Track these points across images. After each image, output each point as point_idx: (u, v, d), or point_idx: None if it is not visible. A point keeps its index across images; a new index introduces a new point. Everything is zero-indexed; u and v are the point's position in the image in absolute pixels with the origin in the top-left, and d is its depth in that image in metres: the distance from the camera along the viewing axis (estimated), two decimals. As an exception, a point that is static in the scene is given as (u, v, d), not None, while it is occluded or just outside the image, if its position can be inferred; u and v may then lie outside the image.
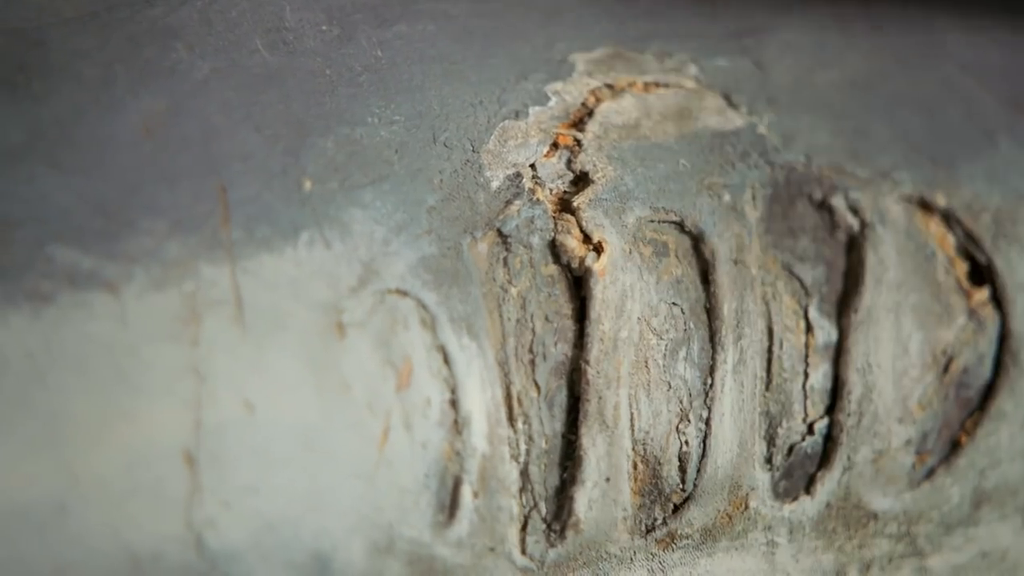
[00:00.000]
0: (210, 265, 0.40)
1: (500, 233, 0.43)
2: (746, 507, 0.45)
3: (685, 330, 0.45)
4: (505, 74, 0.46)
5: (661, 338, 0.44)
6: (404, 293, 0.42)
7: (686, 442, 0.45)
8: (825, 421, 0.46)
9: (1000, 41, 0.52)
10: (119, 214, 0.40)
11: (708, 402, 0.45)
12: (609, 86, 0.46)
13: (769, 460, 0.46)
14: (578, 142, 0.45)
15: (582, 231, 0.44)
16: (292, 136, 0.42)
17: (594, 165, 0.45)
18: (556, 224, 0.44)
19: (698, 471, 0.45)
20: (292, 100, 0.43)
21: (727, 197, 0.46)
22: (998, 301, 0.48)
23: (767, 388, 0.46)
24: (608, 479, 0.44)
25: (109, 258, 0.40)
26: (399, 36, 0.45)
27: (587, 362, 0.43)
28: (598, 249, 0.44)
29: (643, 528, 0.45)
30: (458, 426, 0.42)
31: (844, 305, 0.47)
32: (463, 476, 0.42)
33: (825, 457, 0.46)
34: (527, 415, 0.43)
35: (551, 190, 0.44)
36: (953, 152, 0.49)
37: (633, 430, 0.44)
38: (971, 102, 0.49)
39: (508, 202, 0.44)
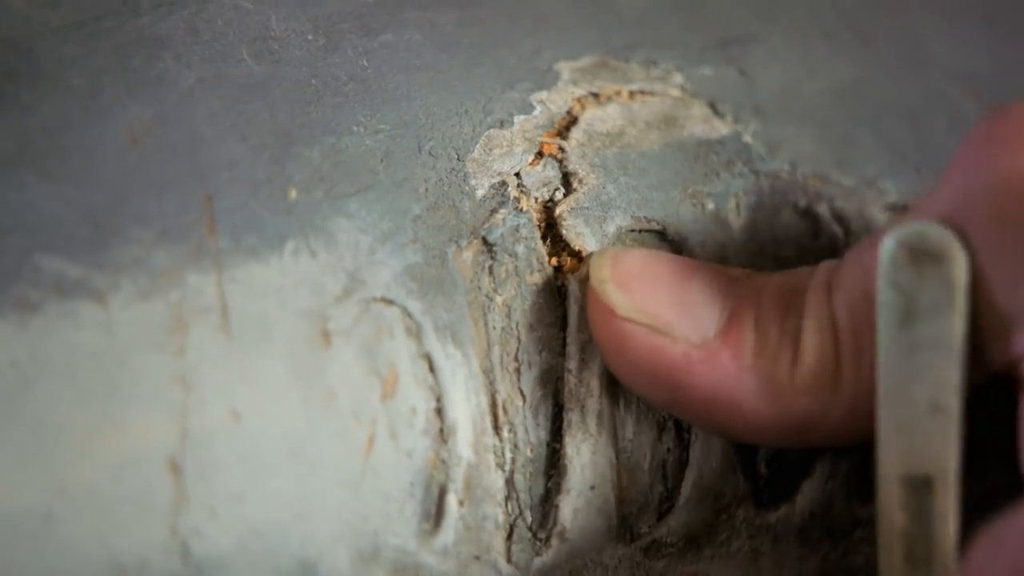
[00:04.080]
0: (197, 274, 0.41)
1: (485, 242, 0.44)
2: (730, 515, 0.45)
3: (669, 338, 0.45)
4: (490, 83, 0.46)
5: (645, 347, 0.45)
6: (389, 302, 0.42)
7: (669, 450, 0.45)
8: (809, 429, 0.46)
9: (986, 50, 0.52)
10: (107, 223, 0.40)
11: (692, 410, 0.45)
12: (594, 95, 0.47)
13: (752, 468, 0.46)
14: (563, 150, 0.45)
15: (563, 240, 0.44)
16: (278, 145, 0.43)
17: (577, 173, 0.45)
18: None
19: (681, 479, 0.45)
20: (278, 109, 0.43)
21: (711, 205, 0.46)
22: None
23: (751, 396, 0.46)
24: (592, 488, 0.44)
25: (96, 267, 0.40)
26: (385, 46, 0.45)
27: (570, 371, 0.43)
28: (579, 258, 0.44)
29: (628, 536, 0.45)
30: (443, 435, 0.42)
31: (828, 313, 0.47)
32: (448, 485, 0.42)
33: (809, 465, 0.46)
34: (512, 424, 0.43)
35: (536, 199, 0.45)
36: (938, 161, 0.49)
37: (616, 439, 0.44)
38: (957, 111, 0.50)
39: (493, 211, 0.44)
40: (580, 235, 0.44)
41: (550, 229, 0.45)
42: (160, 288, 0.40)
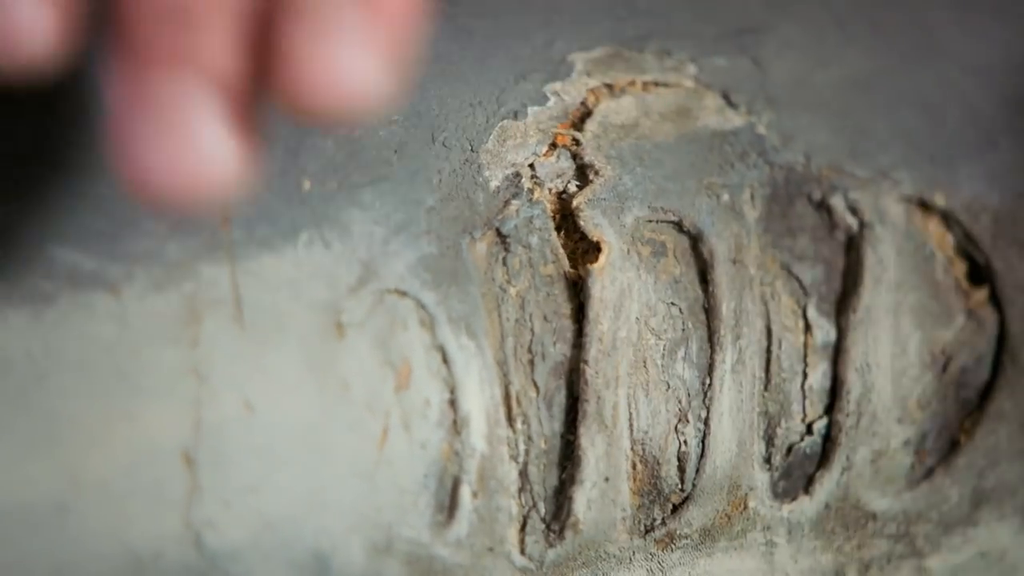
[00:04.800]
0: (210, 266, 0.40)
1: (499, 233, 0.44)
2: (745, 507, 0.45)
3: (683, 330, 0.45)
4: (504, 74, 0.46)
5: (659, 338, 0.45)
6: (403, 293, 0.42)
7: (685, 442, 0.45)
8: (824, 421, 0.46)
9: (998, 40, 0.52)
10: (120, 215, 0.40)
11: (707, 402, 0.45)
12: (608, 86, 0.46)
13: (768, 460, 0.46)
14: (577, 142, 0.45)
15: (580, 231, 0.44)
16: (291, 136, 0.43)
17: (592, 165, 0.45)
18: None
19: (697, 471, 0.45)
20: (292, 100, 0.43)
21: (726, 197, 0.46)
22: (997, 301, 0.48)
23: (766, 388, 0.46)
24: (607, 479, 0.44)
25: (110, 259, 0.40)
26: (398, 36, 0.45)
27: (586, 362, 0.43)
28: (596, 249, 0.44)
29: (642, 528, 0.45)
30: (457, 426, 0.42)
31: (843, 305, 0.47)
32: (462, 476, 0.42)
33: (824, 457, 0.46)
34: (526, 415, 0.43)
35: (550, 190, 0.45)
36: (953, 152, 0.49)
37: (632, 430, 0.44)
38: (971, 102, 0.49)
39: (507, 202, 0.44)
40: (598, 226, 0.44)
41: (564, 220, 0.45)
42: (174, 280, 0.40)
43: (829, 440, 0.46)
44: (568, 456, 0.44)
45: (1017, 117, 0.50)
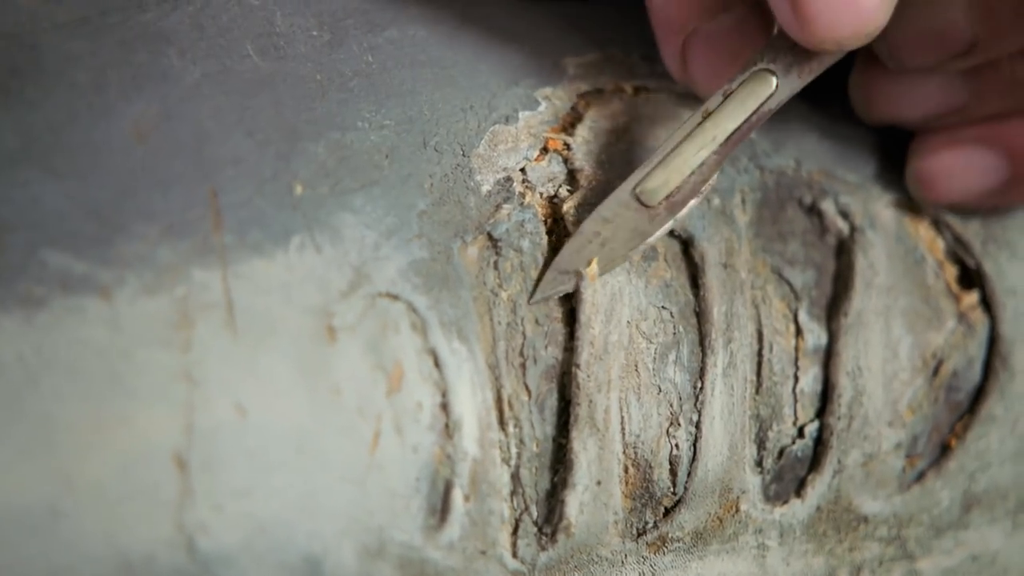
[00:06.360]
0: (202, 270, 0.40)
1: (490, 237, 0.44)
2: (737, 510, 0.46)
3: (675, 334, 0.45)
4: (495, 79, 0.46)
5: (651, 342, 0.45)
6: (395, 297, 0.42)
7: (676, 445, 0.45)
8: (815, 424, 0.47)
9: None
10: (112, 219, 0.40)
11: (698, 406, 0.45)
12: (599, 90, 0.47)
13: (759, 463, 0.46)
14: (568, 146, 0.45)
15: (570, 236, 0.44)
16: (283, 141, 0.43)
17: (583, 170, 0.45)
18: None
19: (689, 474, 0.45)
20: (283, 105, 0.43)
21: (716, 201, 0.46)
22: (987, 305, 0.48)
23: (757, 392, 0.46)
24: (599, 483, 0.44)
25: (102, 263, 0.40)
26: (390, 41, 0.45)
27: (577, 366, 0.43)
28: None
29: (634, 531, 0.45)
30: (449, 430, 0.42)
31: (834, 309, 0.47)
32: (454, 480, 0.42)
33: (815, 460, 0.47)
34: (518, 419, 0.43)
35: (541, 194, 0.45)
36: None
37: (624, 434, 0.44)
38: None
39: (498, 206, 0.44)
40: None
41: (555, 224, 0.45)
42: (165, 284, 0.40)
43: (820, 443, 0.46)
44: (560, 460, 0.44)
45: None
